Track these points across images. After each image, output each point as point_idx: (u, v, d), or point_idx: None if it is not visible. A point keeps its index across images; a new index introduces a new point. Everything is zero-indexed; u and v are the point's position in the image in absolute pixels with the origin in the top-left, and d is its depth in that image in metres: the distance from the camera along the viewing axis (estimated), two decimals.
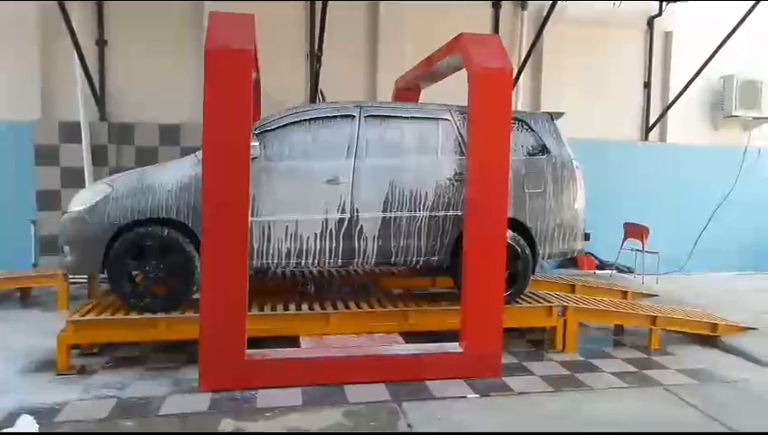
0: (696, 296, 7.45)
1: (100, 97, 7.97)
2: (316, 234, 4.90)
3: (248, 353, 4.39)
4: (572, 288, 6.95)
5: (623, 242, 8.61)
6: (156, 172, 4.94)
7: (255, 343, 4.55)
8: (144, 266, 4.71)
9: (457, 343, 4.72)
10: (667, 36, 9.64)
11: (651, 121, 9.58)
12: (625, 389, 4.54)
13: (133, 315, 4.68)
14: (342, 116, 5.10)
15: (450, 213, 5.10)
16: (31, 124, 7.78)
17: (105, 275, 4.84)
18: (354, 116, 5.11)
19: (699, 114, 9.82)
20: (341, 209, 4.92)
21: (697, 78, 9.06)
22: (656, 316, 5.58)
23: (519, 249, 5.23)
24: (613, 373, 4.84)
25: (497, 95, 4.65)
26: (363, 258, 5.03)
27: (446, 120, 5.25)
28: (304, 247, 4.91)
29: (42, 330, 5.20)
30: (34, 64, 7.80)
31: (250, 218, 4.28)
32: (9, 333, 5.45)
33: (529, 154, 5.36)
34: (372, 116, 5.15)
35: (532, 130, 5.39)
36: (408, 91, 7.01)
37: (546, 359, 5.17)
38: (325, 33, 7.69)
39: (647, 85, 9.60)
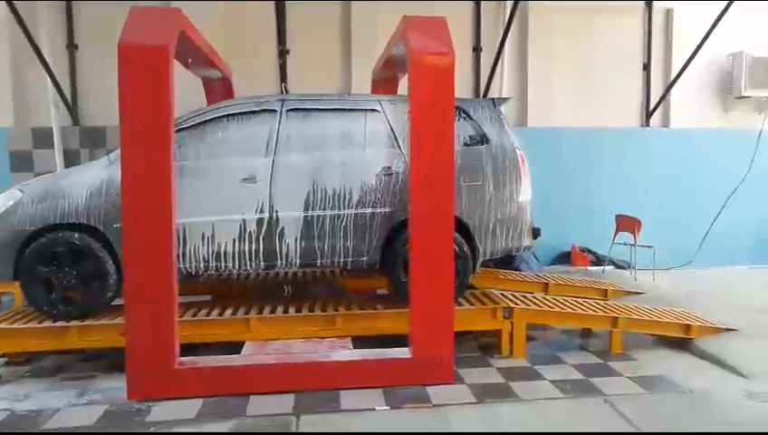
0: (690, 293, 6.83)
1: (72, 102, 8.00)
2: (234, 236, 4.67)
3: (180, 361, 4.21)
4: (545, 287, 6.50)
5: (615, 235, 8.02)
6: (67, 176, 4.82)
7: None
8: (57, 273, 4.58)
9: (407, 349, 4.40)
10: (668, 14, 8.91)
11: (652, 106, 8.89)
12: (557, 399, 4.12)
13: (47, 324, 4.56)
14: (264, 111, 4.84)
15: (378, 210, 4.77)
16: (3, 131, 7.88)
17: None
18: (276, 110, 4.84)
19: (706, 96, 9.04)
20: (259, 210, 4.67)
21: (703, 57, 8.37)
22: (617, 317, 5.09)
23: (456, 247, 4.83)
24: (554, 381, 4.42)
25: (438, 83, 4.30)
26: (286, 261, 4.75)
27: (375, 111, 4.92)
28: (222, 251, 4.68)
29: None
30: (5, 71, 7.88)
31: None
32: None
33: (466, 144, 4.96)
34: (295, 109, 4.87)
35: (471, 119, 4.98)
36: (385, 82, 6.65)
37: (487, 365, 4.77)
38: (295, 29, 7.49)
39: (646, 67, 8.91)
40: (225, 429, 3.63)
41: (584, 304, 5.44)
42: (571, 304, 5.42)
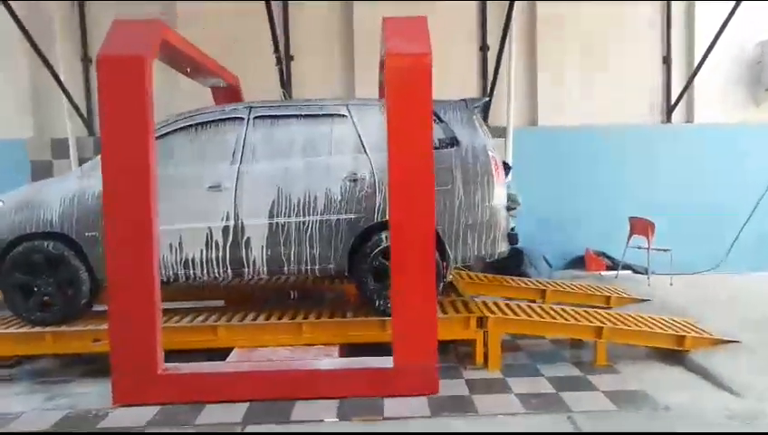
0: (703, 301, 6.39)
1: (87, 113, 8.32)
2: (201, 243, 4.70)
3: (164, 367, 4.27)
4: (543, 294, 6.25)
5: (629, 239, 7.61)
6: (43, 187, 4.98)
7: None
8: (34, 280, 4.74)
9: (390, 358, 4.29)
10: (689, 3, 8.41)
11: (673, 100, 8.40)
12: (518, 415, 3.90)
13: (25, 329, 4.73)
14: (231, 118, 4.86)
15: (344, 216, 4.69)
16: (23, 142, 8.27)
17: None
18: (243, 118, 4.85)
19: (734, 88, 8.45)
20: (225, 217, 4.68)
21: (728, 47, 7.89)
22: (602, 327, 4.81)
23: None
24: (521, 395, 4.20)
25: (414, 84, 4.12)
26: (253, 268, 4.74)
27: (342, 116, 4.84)
28: (190, 258, 4.73)
29: None
30: (25, 84, 8.27)
31: None
32: None
33: (434, 147, 4.78)
34: (262, 117, 4.86)
35: (441, 121, 4.82)
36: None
37: (458, 377, 4.60)
38: (297, 34, 7.51)
39: (666, 60, 8.43)
40: None
41: (573, 312, 5.17)
42: (558, 312, 5.16)
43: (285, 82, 7.80)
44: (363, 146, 4.75)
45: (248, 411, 3.99)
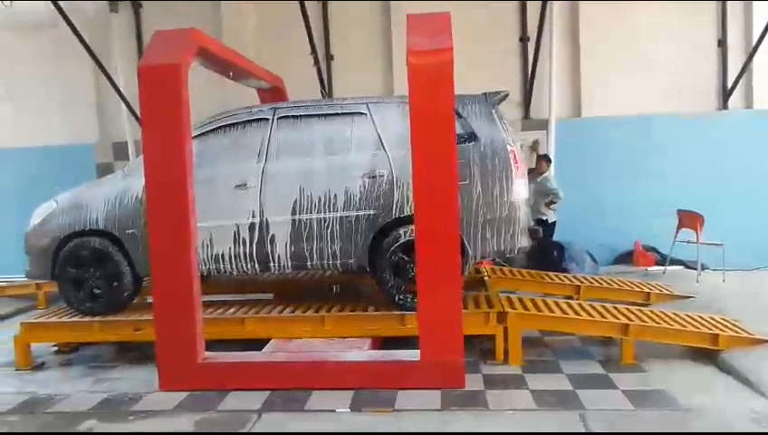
0: (755, 300, 6.06)
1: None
2: (230, 240, 4.94)
3: (205, 356, 4.54)
4: (577, 289, 6.11)
5: (677, 233, 7.28)
6: (90, 188, 5.38)
7: None
8: (83, 274, 5.15)
9: (417, 351, 4.37)
10: None
11: (730, 85, 7.93)
12: (528, 412, 3.88)
13: (76, 318, 5.16)
14: (257, 120, 5.07)
15: (363, 213, 4.79)
16: (91, 145, 8.93)
17: None
18: (268, 118, 5.05)
19: None
20: (251, 215, 4.90)
21: None
22: (628, 325, 4.67)
23: None
24: (536, 392, 4.16)
25: (436, 79, 4.12)
26: (278, 263, 4.94)
27: (362, 114, 4.94)
28: (220, 254, 4.98)
29: None
30: (91, 92, 8.92)
31: None
32: None
33: None
34: (286, 117, 5.04)
35: (460, 116, 4.81)
36: None
37: (476, 372, 4.61)
38: (337, 34, 7.65)
39: (721, 43, 7.97)
40: (191, 422, 3.89)
41: (603, 309, 5.04)
42: (586, 309, 5.06)
43: (324, 82, 7.98)
44: (382, 143, 4.83)
45: (267, 400, 4.18)
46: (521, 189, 4.80)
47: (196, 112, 4.94)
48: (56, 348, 5.55)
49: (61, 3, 7.73)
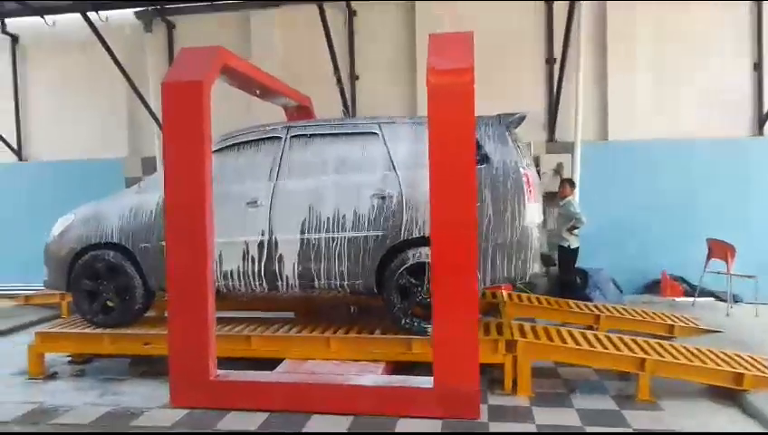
0: None
1: None
2: (239, 257, 4.94)
3: (217, 374, 4.51)
4: (596, 319, 5.89)
5: (707, 263, 6.97)
6: (107, 202, 5.46)
7: None
8: (97, 286, 5.23)
9: (431, 378, 4.24)
10: None
11: (765, 110, 7.63)
12: None
13: (88, 330, 5.22)
14: (271, 138, 5.10)
15: (371, 233, 4.73)
16: (120, 161, 9.17)
17: None
18: (281, 137, 5.07)
19: None
20: (260, 232, 4.90)
21: None
22: (644, 359, 4.45)
23: None
24: (542, 426, 3.99)
25: (456, 100, 4.06)
26: (286, 282, 4.91)
27: (373, 134, 4.91)
28: (229, 271, 4.99)
29: None
30: (122, 108, 9.18)
31: None
32: None
33: None
34: (298, 136, 5.05)
35: None
36: None
37: (481, 402, 4.44)
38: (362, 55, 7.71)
39: (757, 67, 7.68)
40: None
41: (620, 341, 4.83)
42: (602, 340, 4.86)
43: (347, 101, 8.01)
44: (393, 163, 4.79)
45: (266, 421, 4.12)
46: (534, 214, 4.67)
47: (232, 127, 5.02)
48: (70, 358, 5.64)
49: (98, 23, 8.03)
